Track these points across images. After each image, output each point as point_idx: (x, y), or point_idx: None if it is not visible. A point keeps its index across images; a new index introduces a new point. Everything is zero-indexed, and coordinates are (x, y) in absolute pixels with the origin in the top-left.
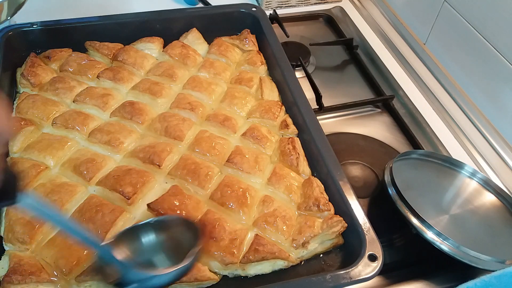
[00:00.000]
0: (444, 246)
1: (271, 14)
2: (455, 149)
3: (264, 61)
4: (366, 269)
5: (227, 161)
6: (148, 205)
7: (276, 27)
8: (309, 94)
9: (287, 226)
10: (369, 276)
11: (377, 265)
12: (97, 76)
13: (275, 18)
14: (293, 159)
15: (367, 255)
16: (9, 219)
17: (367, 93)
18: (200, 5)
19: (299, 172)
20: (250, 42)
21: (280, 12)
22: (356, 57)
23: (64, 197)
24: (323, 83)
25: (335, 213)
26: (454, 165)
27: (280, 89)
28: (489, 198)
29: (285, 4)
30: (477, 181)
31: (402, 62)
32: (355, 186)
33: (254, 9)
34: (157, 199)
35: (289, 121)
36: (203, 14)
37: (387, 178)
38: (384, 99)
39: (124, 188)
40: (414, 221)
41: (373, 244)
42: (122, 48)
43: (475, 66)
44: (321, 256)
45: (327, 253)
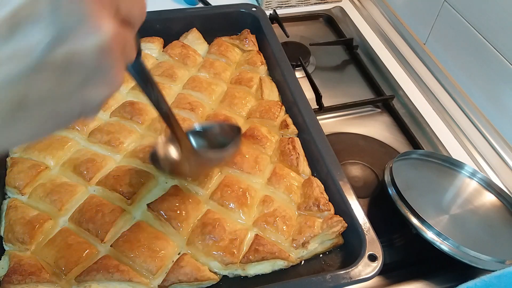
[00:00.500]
0: (444, 246)
1: (271, 14)
2: (455, 149)
3: (264, 61)
4: (366, 269)
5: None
6: (148, 205)
7: (276, 27)
8: (309, 94)
9: (287, 226)
10: (369, 276)
11: (377, 265)
12: None
13: (275, 18)
14: (293, 159)
15: (367, 255)
16: (9, 219)
17: (367, 93)
18: (200, 5)
19: (299, 172)
20: (250, 42)
21: (280, 12)
22: (356, 57)
23: (64, 197)
24: (323, 83)
25: (335, 213)
26: (454, 165)
27: (280, 89)
28: (489, 198)
29: (285, 4)
30: (477, 181)
31: (402, 62)
32: (355, 186)
33: (254, 9)
34: (157, 199)
35: (289, 121)
36: (203, 14)
37: (387, 178)
38: (384, 99)
39: (124, 188)
40: (414, 221)
41: (373, 244)
42: None
43: (475, 66)
44: (321, 256)
45: (327, 253)
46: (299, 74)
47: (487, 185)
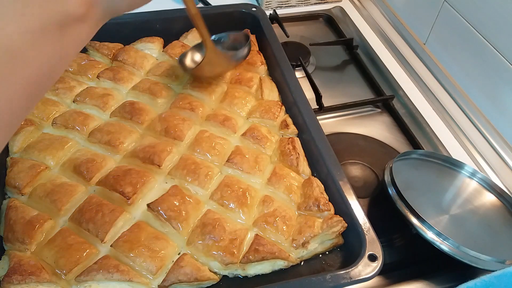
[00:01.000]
0: (444, 246)
1: (271, 14)
2: (455, 149)
3: (264, 61)
4: (366, 269)
5: (227, 161)
6: (148, 205)
7: (276, 27)
8: (309, 94)
9: (287, 226)
10: (369, 276)
11: (377, 265)
12: (97, 76)
13: (275, 18)
14: (293, 159)
15: (367, 255)
16: (9, 218)
17: (367, 93)
18: (200, 5)
19: (299, 172)
20: (250, 42)
21: (280, 12)
22: (356, 57)
23: (64, 197)
24: (323, 83)
25: (335, 213)
26: (454, 165)
27: (280, 89)
28: (489, 198)
29: (285, 4)
30: (477, 181)
31: (402, 62)
32: (355, 186)
33: (254, 9)
34: (157, 199)
35: (289, 121)
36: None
37: (387, 178)
38: (384, 99)
39: (124, 188)
40: (414, 221)
41: (373, 244)
42: (122, 48)
43: (475, 66)
44: (321, 256)
45: (327, 253)
46: (299, 74)
47: (487, 185)
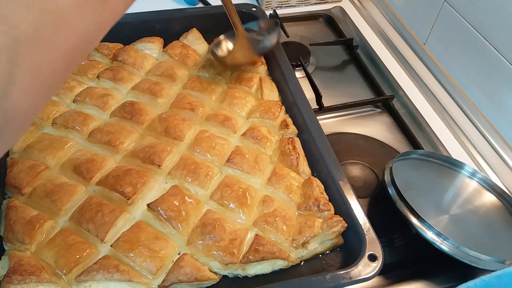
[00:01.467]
0: (444, 246)
1: (271, 14)
2: (455, 149)
3: (264, 61)
4: (366, 269)
5: (227, 161)
6: (148, 205)
7: None
8: (309, 94)
9: (287, 226)
10: (369, 276)
11: (377, 265)
12: (97, 76)
13: (275, 18)
14: (293, 159)
15: (367, 255)
16: (9, 218)
17: (367, 93)
18: (200, 5)
19: (299, 172)
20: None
21: (280, 12)
22: (356, 57)
23: (64, 197)
24: (323, 83)
25: (335, 213)
26: (454, 165)
27: (280, 89)
28: (489, 198)
29: (285, 4)
30: (477, 181)
31: (402, 62)
32: (355, 186)
33: (254, 9)
34: (157, 199)
35: (289, 121)
36: (203, 14)
37: (387, 178)
38: (384, 99)
39: (124, 188)
40: (414, 221)
41: (373, 244)
42: (122, 48)
43: (475, 66)
44: (321, 256)
45: (327, 253)
46: (299, 74)
47: (487, 185)
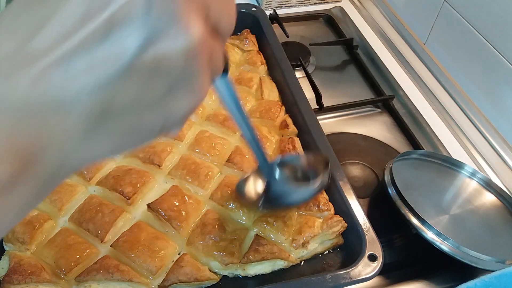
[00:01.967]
0: (444, 246)
1: (271, 14)
2: (455, 149)
3: (264, 61)
4: (366, 269)
5: (227, 161)
6: (148, 205)
7: (276, 27)
8: (309, 94)
9: (287, 226)
10: (369, 276)
11: (377, 265)
12: None
13: (275, 18)
14: None
15: (367, 255)
16: None
17: (367, 93)
18: None
19: None
20: (250, 42)
21: (280, 12)
22: (356, 57)
23: (64, 197)
24: (323, 83)
25: (335, 213)
26: (454, 165)
27: (280, 89)
28: (489, 198)
29: (285, 4)
30: (477, 181)
31: (402, 62)
32: (355, 186)
33: (254, 9)
34: (157, 199)
35: (289, 121)
36: None
37: (387, 178)
38: (384, 99)
39: (124, 188)
40: (414, 221)
41: (373, 244)
42: None
43: (475, 66)
44: (321, 256)
45: (327, 253)
46: (299, 74)
47: (487, 185)
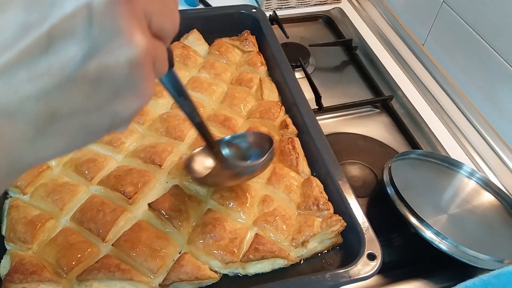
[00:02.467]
0: (442, 245)
1: (271, 15)
2: (453, 149)
3: (264, 62)
4: (365, 268)
5: None
6: (149, 205)
7: (276, 28)
8: (309, 94)
9: (286, 225)
10: (368, 275)
11: (376, 264)
12: None
13: (275, 19)
14: (293, 159)
15: (366, 254)
16: (10, 218)
17: (366, 93)
18: (200, 6)
19: (298, 172)
20: (250, 43)
21: (280, 13)
22: (355, 58)
23: (65, 196)
24: (323, 84)
25: (335, 213)
26: (452, 165)
27: (280, 90)
28: (488, 197)
29: (284, 5)
30: (476, 181)
31: (400, 62)
32: (354, 185)
33: (254, 10)
34: (158, 199)
35: (289, 121)
36: (204, 15)
37: (386, 177)
38: (383, 99)
39: (125, 187)
40: (412, 220)
41: (372, 243)
42: None
43: (474, 66)
44: (320, 255)
45: (326, 252)
46: (298, 74)
47: (486, 184)
